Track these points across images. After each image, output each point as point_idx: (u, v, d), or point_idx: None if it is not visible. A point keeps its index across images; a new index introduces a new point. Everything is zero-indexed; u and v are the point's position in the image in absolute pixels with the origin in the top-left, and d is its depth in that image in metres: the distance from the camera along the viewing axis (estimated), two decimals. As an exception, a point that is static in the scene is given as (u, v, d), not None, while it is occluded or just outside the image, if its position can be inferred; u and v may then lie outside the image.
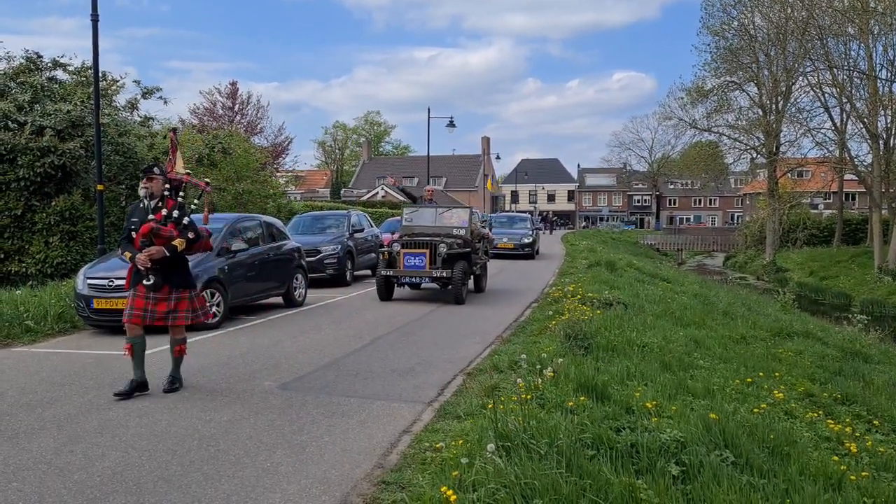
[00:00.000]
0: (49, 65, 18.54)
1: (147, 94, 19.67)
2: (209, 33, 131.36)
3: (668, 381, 6.80)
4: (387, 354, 8.59)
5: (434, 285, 13.75)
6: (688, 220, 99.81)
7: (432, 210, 14.51)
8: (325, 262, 16.51)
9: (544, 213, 74.80)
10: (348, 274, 17.06)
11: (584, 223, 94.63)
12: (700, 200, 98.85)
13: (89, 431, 5.52)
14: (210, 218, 13.60)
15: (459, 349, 8.88)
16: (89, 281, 10.14)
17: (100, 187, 13.05)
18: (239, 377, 7.34)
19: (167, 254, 6.45)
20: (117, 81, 19.85)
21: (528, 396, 5.36)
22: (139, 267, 6.49)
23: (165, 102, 22.05)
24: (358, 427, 5.64)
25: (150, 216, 6.52)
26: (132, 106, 19.51)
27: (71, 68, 18.89)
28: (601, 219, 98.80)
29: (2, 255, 15.41)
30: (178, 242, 6.49)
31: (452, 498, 3.71)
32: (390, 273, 13.33)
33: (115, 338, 9.65)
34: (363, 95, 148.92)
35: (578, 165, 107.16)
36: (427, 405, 6.31)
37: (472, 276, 14.26)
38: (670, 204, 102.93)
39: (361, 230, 18.54)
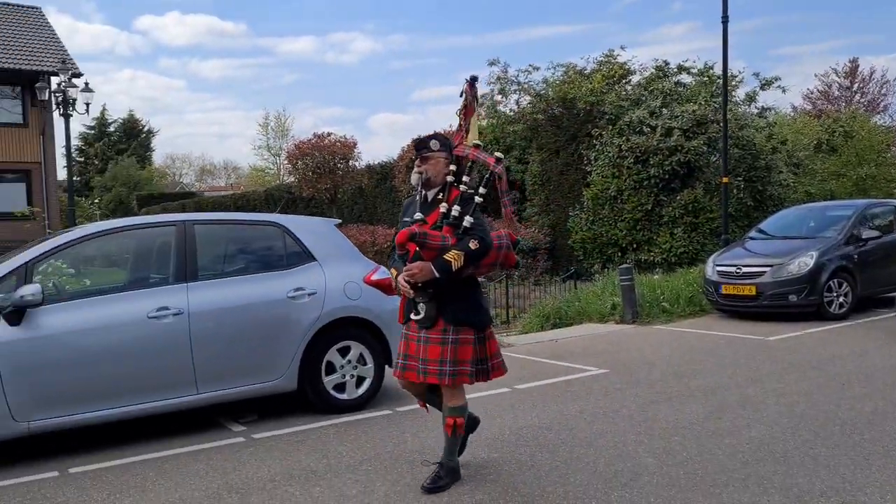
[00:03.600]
0: (674, 70, 20.28)
1: (765, 85, 19.87)
2: (819, 14, 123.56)
3: None
4: None
5: None
6: None
7: None
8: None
9: None
10: None
11: None
12: None
13: (731, 404, 6.01)
14: (830, 206, 13.12)
15: None
16: (718, 268, 10.86)
17: (724, 180, 13.80)
18: (882, 371, 7.01)
19: (437, 274, 4.10)
20: (735, 77, 20.53)
21: None
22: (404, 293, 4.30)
23: (784, 91, 21.68)
24: None
25: (419, 215, 4.26)
26: (750, 99, 19.94)
27: (693, 70, 20.31)
28: None
29: (635, 246, 17.52)
30: (453, 256, 4.08)
31: None
32: None
33: (741, 322, 10.26)
34: None
35: None
36: None
37: None
38: None
39: None
